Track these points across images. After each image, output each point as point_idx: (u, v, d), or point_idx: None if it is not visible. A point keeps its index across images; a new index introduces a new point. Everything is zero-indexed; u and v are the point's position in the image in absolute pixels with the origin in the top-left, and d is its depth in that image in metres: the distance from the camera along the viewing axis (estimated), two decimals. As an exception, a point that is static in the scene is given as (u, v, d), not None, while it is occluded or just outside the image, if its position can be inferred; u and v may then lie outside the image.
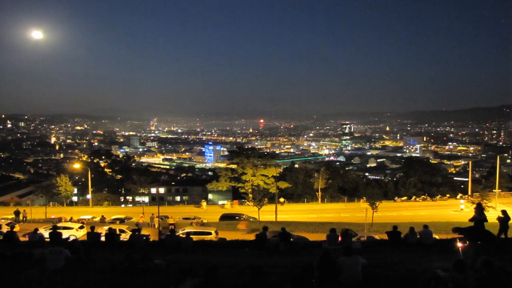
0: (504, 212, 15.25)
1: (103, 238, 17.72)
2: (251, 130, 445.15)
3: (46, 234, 21.24)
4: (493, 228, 14.72)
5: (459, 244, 11.25)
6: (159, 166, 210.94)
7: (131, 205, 66.07)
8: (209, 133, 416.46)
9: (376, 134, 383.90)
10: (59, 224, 34.40)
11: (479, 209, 14.94)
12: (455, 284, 6.32)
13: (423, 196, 62.47)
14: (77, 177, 72.52)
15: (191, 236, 22.79)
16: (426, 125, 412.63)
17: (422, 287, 7.61)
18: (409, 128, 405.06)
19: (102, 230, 22.15)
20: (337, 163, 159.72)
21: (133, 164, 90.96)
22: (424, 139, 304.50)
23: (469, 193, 57.73)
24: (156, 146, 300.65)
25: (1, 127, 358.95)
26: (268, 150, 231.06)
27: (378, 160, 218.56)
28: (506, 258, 8.93)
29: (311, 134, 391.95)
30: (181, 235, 22.06)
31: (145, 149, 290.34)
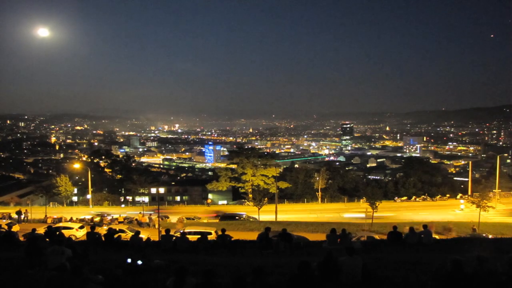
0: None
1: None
2: (251, 130, 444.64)
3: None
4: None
5: None
6: (159, 166, 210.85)
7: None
8: (209, 133, 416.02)
9: (376, 134, 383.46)
10: (60, 224, 34.43)
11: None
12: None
13: (423, 196, 62.42)
14: (77, 177, 72.42)
15: (191, 235, 22.83)
16: (426, 125, 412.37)
17: (421, 287, 7.61)
18: (409, 128, 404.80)
19: (103, 230, 22.16)
20: (337, 163, 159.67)
21: (133, 164, 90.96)
22: (424, 139, 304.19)
23: (469, 193, 57.69)
24: (156, 146, 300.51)
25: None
26: (268, 150, 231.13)
27: (378, 160, 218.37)
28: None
29: (311, 134, 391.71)
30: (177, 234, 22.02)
31: (145, 149, 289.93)
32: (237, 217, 45.83)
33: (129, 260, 9.72)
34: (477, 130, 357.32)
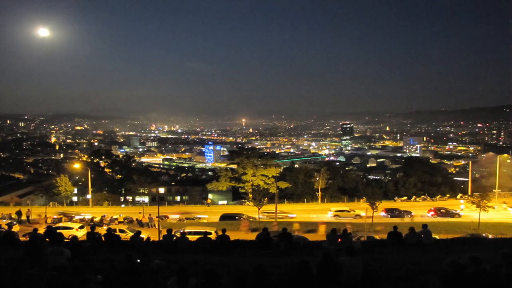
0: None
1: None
2: (251, 130, 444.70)
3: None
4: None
5: None
6: (159, 166, 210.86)
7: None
8: (209, 133, 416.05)
9: (376, 134, 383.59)
10: (60, 224, 34.45)
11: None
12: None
13: (423, 196, 62.45)
14: (77, 177, 72.47)
15: (190, 236, 22.83)
16: (426, 125, 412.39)
17: (421, 287, 7.61)
18: (409, 128, 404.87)
19: (103, 230, 22.16)
20: (337, 163, 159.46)
21: (133, 164, 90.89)
22: (424, 139, 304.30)
23: (469, 193, 57.72)
24: (156, 146, 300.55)
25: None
26: (268, 150, 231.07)
27: (378, 160, 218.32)
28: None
29: (311, 134, 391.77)
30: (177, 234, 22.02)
31: (145, 149, 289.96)
32: (237, 217, 45.93)
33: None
34: (477, 130, 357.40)
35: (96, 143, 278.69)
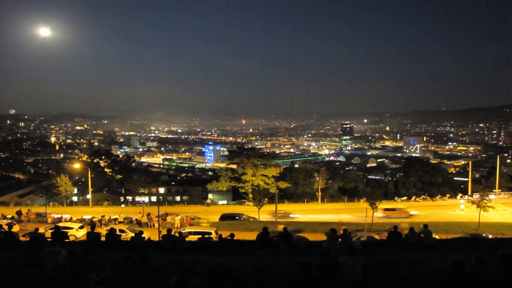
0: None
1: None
2: (251, 130, 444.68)
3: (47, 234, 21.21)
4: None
5: None
6: (159, 166, 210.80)
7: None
8: (209, 133, 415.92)
9: (376, 134, 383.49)
10: (60, 224, 34.44)
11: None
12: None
13: (423, 196, 62.43)
14: (77, 177, 72.45)
15: (191, 236, 22.85)
16: (426, 125, 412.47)
17: (421, 287, 7.61)
18: (409, 128, 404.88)
19: (103, 230, 22.14)
20: (337, 163, 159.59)
21: (133, 164, 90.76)
22: (424, 139, 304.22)
23: (469, 193, 57.72)
24: (156, 146, 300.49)
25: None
26: (268, 150, 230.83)
27: (378, 160, 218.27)
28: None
29: (311, 134, 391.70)
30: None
31: (145, 149, 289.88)
32: (237, 217, 45.93)
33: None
34: (477, 130, 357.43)
35: (96, 143, 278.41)
